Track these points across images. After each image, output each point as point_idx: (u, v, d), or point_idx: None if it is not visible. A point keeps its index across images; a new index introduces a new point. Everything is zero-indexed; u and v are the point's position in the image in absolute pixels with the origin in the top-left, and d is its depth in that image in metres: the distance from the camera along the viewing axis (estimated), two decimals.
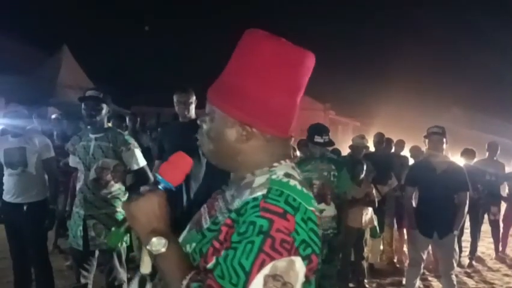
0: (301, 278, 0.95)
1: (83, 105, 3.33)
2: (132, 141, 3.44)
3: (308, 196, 1.03)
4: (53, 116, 7.06)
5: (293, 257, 0.93)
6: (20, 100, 5.31)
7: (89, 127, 3.44)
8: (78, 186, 3.43)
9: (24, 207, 3.75)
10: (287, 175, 1.05)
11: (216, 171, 1.22)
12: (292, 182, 1.03)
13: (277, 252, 0.92)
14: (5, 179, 3.81)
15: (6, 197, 3.80)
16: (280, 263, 0.92)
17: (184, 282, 0.97)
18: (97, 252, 3.41)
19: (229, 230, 0.99)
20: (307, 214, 0.98)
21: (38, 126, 6.12)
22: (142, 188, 1.08)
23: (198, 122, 1.16)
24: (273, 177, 1.04)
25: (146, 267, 1.10)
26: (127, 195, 3.38)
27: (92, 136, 3.37)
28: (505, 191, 6.92)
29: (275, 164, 1.08)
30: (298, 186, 1.03)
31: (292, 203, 0.97)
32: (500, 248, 6.79)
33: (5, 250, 4.13)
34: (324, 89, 24.32)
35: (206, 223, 1.11)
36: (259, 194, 0.99)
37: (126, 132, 4.05)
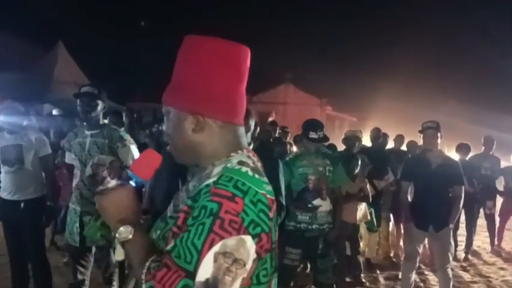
0: (252, 255, 1.04)
1: (78, 102, 3.33)
2: (128, 137, 3.44)
3: (260, 181, 1.12)
4: (54, 113, 7.05)
5: (243, 236, 1.02)
6: (15, 97, 5.29)
7: (84, 123, 3.43)
8: (74, 182, 3.43)
9: (22, 205, 3.74)
10: (240, 163, 1.14)
11: None
12: (244, 169, 1.12)
13: (227, 231, 1.01)
14: (2, 176, 3.80)
15: (3, 194, 3.80)
16: (230, 241, 1.01)
17: (147, 264, 1.07)
18: (93, 249, 3.41)
19: (186, 216, 1.09)
20: (256, 197, 1.07)
21: (36, 123, 6.12)
22: (113, 183, 1.19)
23: (160, 128, 1.27)
24: (228, 165, 1.13)
25: (119, 255, 1.20)
26: None
27: (87, 132, 3.37)
28: (501, 185, 6.94)
29: (232, 154, 1.17)
30: (250, 172, 1.12)
31: (241, 187, 1.06)
32: (496, 242, 6.84)
33: (3, 247, 4.13)
34: (321, 84, 24.32)
35: (170, 212, 1.23)
36: (210, 181, 1.08)
37: (122, 129, 4.05)
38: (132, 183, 1.20)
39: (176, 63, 1.22)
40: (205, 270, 1.00)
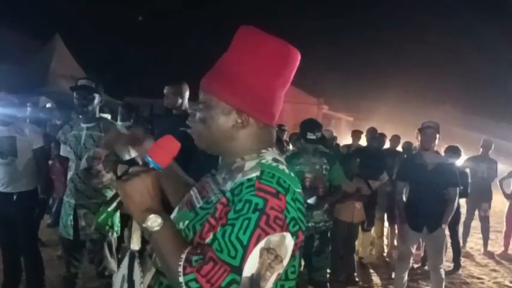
0: (290, 252, 1.05)
1: (75, 95, 3.31)
2: (125, 131, 3.42)
3: (295, 179, 1.13)
4: (48, 105, 7.02)
5: (284, 233, 1.03)
6: (11, 89, 5.25)
7: (80, 116, 3.41)
8: (69, 175, 3.42)
9: (14, 197, 3.71)
10: (275, 160, 1.15)
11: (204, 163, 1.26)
12: (281, 167, 1.13)
13: (271, 228, 1.01)
14: None
15: None
16: (274, 238, 1.02)
17: (183, 256, 1.03)
18: (87, 242, 3.40)
19: (224, 208, 1.07)
20: (295, 195, 1.08)
21: (30, 115, 6.09)
22: (132, 169, 1.12)
23: (189, 111, 1.22)
24: (263, 161, 1.14)
25: (135, 244, 1.16)
26: None
27: (83, 125, 3.35)
28: (509, 188, 6.93)
29: (263, 151, 1.17)
30: (286, 170, 1.13)
31: (283, 184, 1.07)
32: (503, 248, 6.80)
33: None
34: (318, 83, 24.34)
35: (198, 202, 1.19)
36: (253, 175, 1.08)
37: (119, 122, 4.03)
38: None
39: (232, 50, 1.17)
40: (251, 266, 1.00)
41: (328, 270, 4.28)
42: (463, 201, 6.72)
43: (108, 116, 5.51)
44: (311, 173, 3.72)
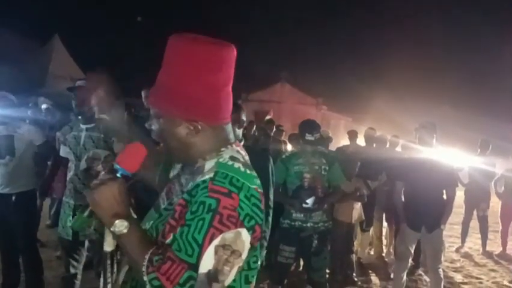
0: (247, 246, 1.12)
1: (73, 96, 3.31)
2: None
3: (251, 176, 1.20)
4: (44, 106, 7.01)
5: (239, 229, 1.10)
6: (10, 89, 5.23)
7: (80, 117, 3.42)
8: (68, 176, 3.42)
9: (13, 198, 3.71)
10: (232, 158, 1.21)
11: None
12: (236, 165, 1.19)
13: (225, 225, 1.09)
14: None
15: None
16: (228, 235, 1.09)
17: (147, 257, 1.12)
18: (86, 243, 3.40)
19: (182, 210, 1.16)
20: (250, 192, 1.15)
21: (32, 115, 6.08)
22: (101, 176, 1.20)
23: (146, 125, 1.29)
24: (220, 160, 1.20)
25: (109, 245, 1.26)
26: None
27: (83, 126, 3.36)
28: (501, 188, 6.95)
29: (222, 149, 1.24)
30: (242, 168, 1.19)
31: (236, 184, 1.14)
32: (501, 248, 6.82)
33: None
34: (317, 83, 24.35)
35: (163, 204, 1.28)
36: (207, 177, 1.15)
37: None
38: (118, 175, 1.22)
39: (165, 62, 1.23)
40: (207, 262, 1.08)
41: (327, 271, 4.29)
42: (461, 201, 6.77)
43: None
44: (310, 174, 3.73)
